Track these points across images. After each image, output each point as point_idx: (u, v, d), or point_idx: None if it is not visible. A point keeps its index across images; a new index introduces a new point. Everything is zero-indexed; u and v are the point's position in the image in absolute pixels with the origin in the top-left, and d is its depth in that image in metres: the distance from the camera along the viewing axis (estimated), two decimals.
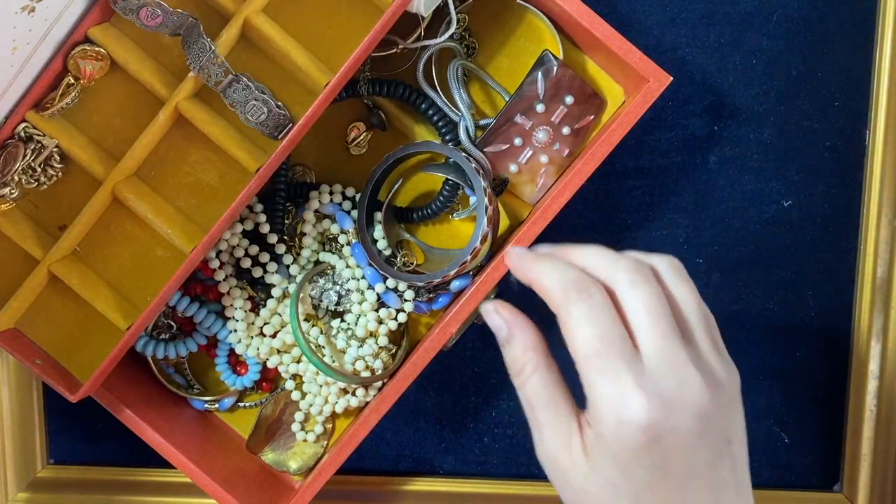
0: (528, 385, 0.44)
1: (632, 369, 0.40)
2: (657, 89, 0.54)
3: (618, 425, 0.40)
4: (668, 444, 0.40)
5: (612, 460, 0.41)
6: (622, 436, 0.40)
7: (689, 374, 0.40)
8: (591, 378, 0.41)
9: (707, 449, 0.41)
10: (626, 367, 0.40)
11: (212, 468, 0.58)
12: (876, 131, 0.62)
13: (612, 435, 0.40)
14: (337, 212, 0.60)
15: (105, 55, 0.54)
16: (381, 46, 0.57)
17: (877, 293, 0.63)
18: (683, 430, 0.40)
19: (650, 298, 0.42)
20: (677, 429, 0.40)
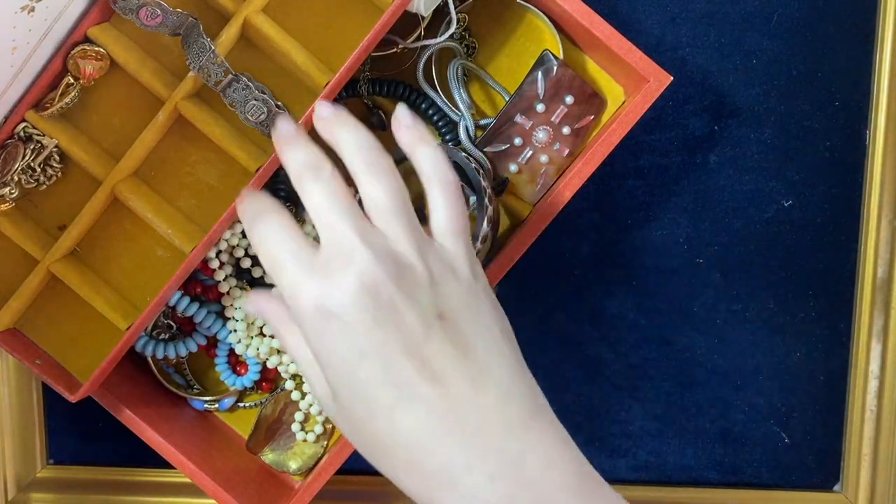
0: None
1: (299, 262, 0.41)
2: (657, 89, 0.54)
3: (297, 314, 0.41)
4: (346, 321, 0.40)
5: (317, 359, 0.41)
6: (303, 323, 0.41)
7: (356, 256, 0.40)
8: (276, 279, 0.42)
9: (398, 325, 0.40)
10: (293, 262, 0.41)
11: (212, 468, 0.58)
12: (876, 131, 0.62)
13: (301, 326, 0.41)
14: None
15: (105, 55, 0.54)
16: (381, 46, 0.57)
17: (877, 293, 0.63)
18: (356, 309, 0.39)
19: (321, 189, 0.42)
20: (347, 307, 0.39)
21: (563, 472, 0.39)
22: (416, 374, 0.39)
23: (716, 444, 0.65)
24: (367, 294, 0.40)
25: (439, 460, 0.39)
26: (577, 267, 0.64)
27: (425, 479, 0.40)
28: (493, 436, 0.39)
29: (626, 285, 0.64)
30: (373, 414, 0.40)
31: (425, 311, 0.40)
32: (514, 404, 0.40)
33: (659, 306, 0.64)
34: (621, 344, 0.65)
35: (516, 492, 0.38)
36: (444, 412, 0.39)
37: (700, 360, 0.65)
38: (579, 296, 0.64)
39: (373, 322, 0.39)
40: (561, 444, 0.40)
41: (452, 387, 0.39)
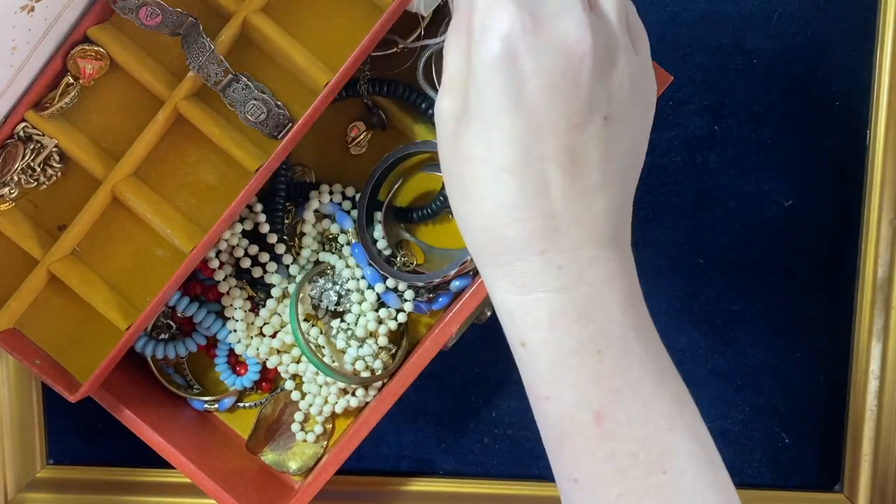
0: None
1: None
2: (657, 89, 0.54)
3: (481, 31, 0.38)
4: (524, 67, 0.38)
5: (472, 79, 0.39)
6: (482, 45, 0.38)
7: (573, 11, 0.38)
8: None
9: (569, 105, 0.38)
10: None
11: (212, 468, 0.58)
12: (876, 131, 0.62)
13: (475, 46, 0.38)
14: (337, 212, 0.60)
15: (104, 55, 0.54)
16: (381, 46, 0.57)
17: (877, 293, 0.63)
18: (545, 61, 0.38)
19: None
20: (538, 54, 0.38)
21: (619, 288, 0.40)
22: (551, 155, 0.39)
23: (716, 444, 0.65)
24: (564, 58, 0.38)
25: (519, 233, 0.39)
26: None
27: (493, 244, 0.40)
28: (577, 235, 0.40)
29: None
30: (487, 159, 0.39)
31: (599, 104, 0.39)
32: (609, 221, 0.40)
33: (659, 306, 0.64)
34: None
35: (575, 285, 0.39)
36: (552, 197, 0.39)
37: (700, 360, 0.65)
38: None
39: (550, 86, 0.38)
40: (624, 272, 0.41)
41: (576, 182, 0.39)
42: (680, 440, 0.41)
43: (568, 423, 0.41)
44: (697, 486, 0.41)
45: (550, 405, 0.41)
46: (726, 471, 0.43)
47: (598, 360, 0.40)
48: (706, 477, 0.41)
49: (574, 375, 0.40)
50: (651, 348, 0.42)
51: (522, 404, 0.65)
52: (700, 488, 0.41)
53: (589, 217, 0.40)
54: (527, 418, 0.65)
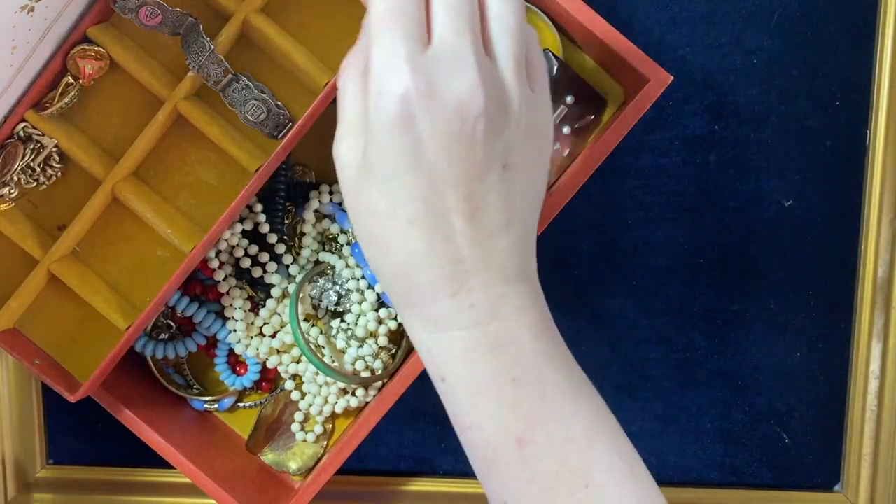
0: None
1: (409, 45, 0.39)
2: (657, 89, 0.54)
3: (377, 95, 0.39)
4: (421, 127, 0.39)
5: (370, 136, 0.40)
6: (378, 107, 0.39)
7: (467, 71, 0.39)
8: (370, 51, 0.40)
9: (467, 162, 0.40)
10: (404, 42, 0.39)
11: (212, 468, 0.58)
12: (876, 131, 0.62)
13: (373, 107, 0.39)
14: (337, 212, 0.60)
15: (104, 55, 0.54)
16: None
17: (877, 293, 0.63)
18: (441, 120, 0.39)
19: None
20: (434, 115, 0.39)
21: (529, 318, 0.43)
22: (454, 207, 0.40)
23: (716, 444, 0.65)
24: (459, 120, 0.39)
25: (431, 279, 0.41)
26: (576, 267, 0.64)
27: (408, 289, 0.42)
28: (487, 276, 0.42)
29: (626, 285, 0.64)
30: (393, 216, 0.41)
31: (496, 156, 0.40)
32: (515, 258, 0.42)
33: (659, 306, 0.64)
34: (621, 344, 0.65)
35: (487, 320, 0.42)
36: (458, 244, 0.41)
37: (700, 360, 0.65)
38: (579, 296, 0.64)
39: (447, 147, 0.39)
40: (534, 301, 0.43)
41: (479, 227, 0.41)
42: (599, 455, 0.43)
43: (491, 450, 0.43)
44: (620, 497, 0.43)
45: (474, 434, 0.43)
46: (650, 479, 0.45)
47: (514, 388, 0.42)
48: (627, 488, 0.43)
49: (492, 405, 0.42)
50: (564, 371, 0.44)
51: None
52: (622, 498, 0.43)
53: (495, 257, 0.42)
54: None
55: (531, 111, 0.42)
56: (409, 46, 0.39)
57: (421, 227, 0.40)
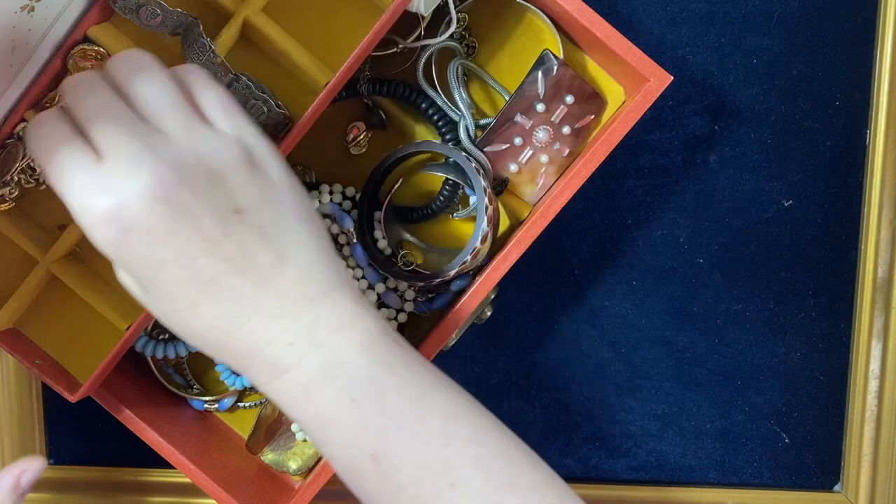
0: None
1: (83, 177, 0.40)
2: (657, 89, 0.54)
3: (89, 231, 0.40)
4: (139, 232, 0.40)
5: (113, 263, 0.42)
6: (97, 240, 0.41)
7: (142, 164, 0.40)
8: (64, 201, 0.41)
9: (200, 233, 0.41)
10: (77, 177, 0.40)
11: (212, 468, 0.58)
12: (876, 131, 0.62)
13: (95, 243, 0.41)
14: (337, 211, 0.60)
15: (105, 55, 0.54)
16: (381, 46, 0.57)
17: (877, 293, 0.63)
18: (149, 217, 0.40)
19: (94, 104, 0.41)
20: (140, 217, 0.40)
21: (355, 332, 0.43)
22: (217, 271, 0.41)
23: (716, 444, 0.65)
24: (158, 202, 0.40)
25: (244, 339, 0.42)
26: (576, 267, 0.64)
27: (233, 355, 0.43)
28: (292, 311, 0.42)
29: (625, 285, 0.64)
30: (179, 309, 0.42)
31: (221, 207, 0.41)
32: (312, 282, 0.43)
33: (659, 306, 0.64)
34: (621, 344, 0.65)
35: (310, 352, 0.42)
36: (247, 298, 0.42)
37: (700, 360, 0.65)
38: (579, 296, 0.64)
39: (168, 230, 0.40)
40: (357, 312, 0.44)
41: (253, 276, 0.42)
42: (459, 451, 0.43)
43: (355, 474, 0.44)
44: (490, 486, 0.43)
45: (337, 464, 0.44)
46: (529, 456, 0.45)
47: (356, 407, 0.42)
48: (499, 475, 0.43)
49: (341, 430, 0.43)
50: (408, 374, 0.44)
51: (522, 404, 0.65)
52: (494, 487, 0.43)
53: (289, 291, 0.42)
54: (527, 418, 0.65)
55: (232, 148, 0.42)
56: (83, 176, 0.40)
57: (206, 305, 0.42)
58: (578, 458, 0.66)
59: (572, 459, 0.65)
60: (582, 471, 0.66)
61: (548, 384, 0.65)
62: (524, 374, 0.65)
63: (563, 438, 0.65)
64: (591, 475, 0.66)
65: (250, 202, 0.42)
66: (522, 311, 0.64)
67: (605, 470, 0.66)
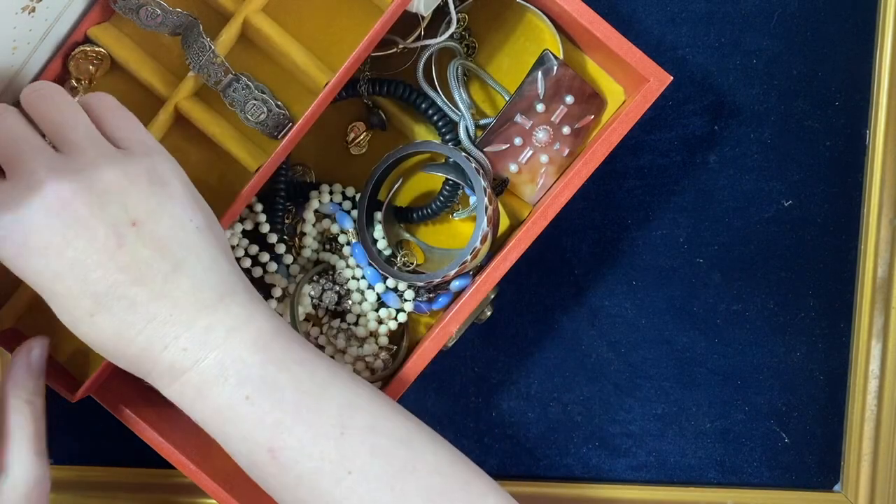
0: None
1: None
2: (657, 89, 0.54)
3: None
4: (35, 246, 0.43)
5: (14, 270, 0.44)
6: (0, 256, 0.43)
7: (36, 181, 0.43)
8: None
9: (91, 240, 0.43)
10: None
11: (212, 468, 0.58)
12: (876, 131, 0.62)
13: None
14: (337, 211, 0.60)
15: (105, 55, 0.54)
16: (381, 46, 0.57)
17: (877, 293, 0.63)
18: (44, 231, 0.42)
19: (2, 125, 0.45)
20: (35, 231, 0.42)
21: (246, 335, 0.45)
22: (111, 283, 0.43)
23: (716, 444, 0.65)
24: (53, 216, 0.42)
25: (140, 346, 0.45)
26: (577, 267, 0.64)
27: (131, 362, 0.46)
28: (185, 318, 0.44)
29: (625, 285, 0.64)
30: (76, 321, 0.45)
31: (116, 220, 0.43)
32: (206, 289, 0.45)
33: (659, 306, 0.64)
34: (621, 344, 0.65)
35: (204, 354, 0.45)
36: (141, 307, 0.44)
37: (700, 360, 0.65)
38: (579, 296, 0.64)
39: (64, 243, 0.42)
40: (251, 315, 0.46)
41: (148, 285, 0.44)
42: (355, 440, 0.45)
43: (255, 469, 0.46)
44: (388, 472, 0.45)
45: (239, 459, 0.47)
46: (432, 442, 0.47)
47: (250, 404, 0.44)
48: (396, 461, 0.45)
49: (237, 427, 0.45)
50: (302, 370, 0.46)
51: (522, 404, 0.65)
52: (391, 473, 0.45)
53: (183, 298, 0.44)
54: (527, 418, 0.65)
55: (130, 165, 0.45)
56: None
57: (102, 316, 0.44)
58: (578, 458, 0.66)
59: (572, 459, 0.66)
60: (582, 471, 0.66)
61: (548, 384, 0.65)
62: (524, 374, 0.65)
63: (563, 438, 0.65)
64: (591, 475, 0.66)
65: (146, 215, 0.44)
66: (522, 311, 0.64)
67: (605, 470, 0.66)
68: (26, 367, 0.51)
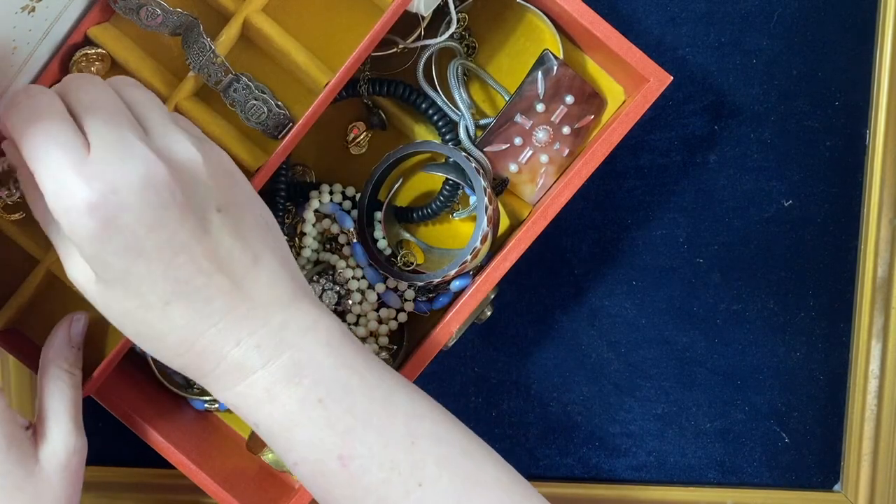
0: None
1: (71, 158, 0.39)
2: (657, 89, 0.54)
3: (65, 215, 0.39)
4: (125, 222, 0.40)
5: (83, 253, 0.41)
6: (73, 226, 0.40)
7: (135, 153, 0.40)
8: (38, 176, 0.40)
9: (182, 221, 0.41)
10: (65, 157, 0.39)
11: (212, 468, 0.58)
12: (876, 131, 0.62)
13: (67, 228, 0.40)
14: (337, 211, 0.60)
15: (106, 56, 0.54)
16: (381, 46, 0.57)
17: (877, 293, 0.63)
18: (138, 206, 0.40)
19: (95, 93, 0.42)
20: (129, 205, 0.39)
21: (320, 334, 0.43)
22: (195, 269, 0.41)
23: (716, 444, 0.65)
24: (153, 192, 0.40)
25: (210, 340, 0.42)
26: (577, 267, 0.64)
27: (190, 359, 0.43)
28: (260, 313, 0.42)
29: (625, 285, 0.64)
30: (147, 306, 0.42)
31: (205, 205, 0.42)
32: (281, 285, 0.43)
33: (659, 306, 0.64)
34: (621, 344, 0.65)
35: (277, 353, 0.42)
36: (219, 298, 0.42)
37: (700, 359, 0.65)
38: (579, 296, 0.64)
39: (155, 222, 0.40)
40: (320, 316, 0.44)
41: (230, 275, 0.42)
42: (425, 450, 0.43)
43: (321, 477, 0.43)
44: (456, 485, 0.43)
45: (302, 469, 0.44)
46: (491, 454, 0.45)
47: (323, 408, 0.42)
48: (463, 473, 0.43)
49: (307, 432, 0.43)
50: (371, 376, 0.44)
51: (522, 404, 0.65)
52: (459, 485, 0.43)
53: (261, 292, 0.42)
54: (527, 418, 0.65)
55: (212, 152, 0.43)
56: (71, 157, 0.39)
57: (179, 303, 0.41)
58: (578, 458, 0.66)
59: (572, 459, 0.66)
60: (582, 471, 0.66)
61: (547, 384, 0.65)
62: (524, 374, 0.65)
63: (563, 438, 0.65)
64: (591, 475, 0.66)
65: (230, 202, 0.43)
66: (522, 311, 0.64)
67: (605, 470, 0.66)
68: (67, 339, 0.49)
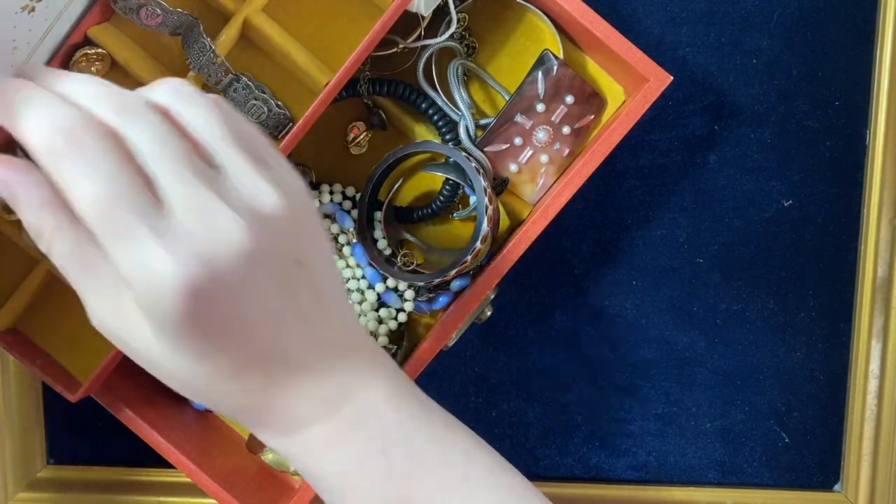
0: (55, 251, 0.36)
1: (152, 226, 0.33)
2: (657, 89, 0.54)
3: (154, 296, 0.34)
4: (219, 296, 0.34)
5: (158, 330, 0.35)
6: (163, 306, 0.34)
7: (221, 216, 0.34)
8: (107, 246, 0.34)
9: (270, 283, 0.36)
10: (145, 225, 0.33)
11: (212, 468, 0.58)
12: (876, 131, 0.62)
13: (156, 308, 0.34)
14: (337, 211, 0.60)
15: (106, 56, 0.54)
16: (381, 46, 0.57)
17: (877, 293, 0.63)
18: (232, 278, 0.34)
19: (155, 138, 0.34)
20: (223, 278, 0.34)
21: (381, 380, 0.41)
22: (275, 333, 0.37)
23: (716, 444, 0.65)
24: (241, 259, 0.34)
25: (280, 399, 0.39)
26: (577, 267, 0.64)
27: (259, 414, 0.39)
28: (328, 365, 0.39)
29: (625, 285, 0.64)
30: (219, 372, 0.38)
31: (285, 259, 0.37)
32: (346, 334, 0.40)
33: (659, 306, 0.64)
34: (621, 344, 0.65)
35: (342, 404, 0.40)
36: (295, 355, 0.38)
37: (700, 360, 0.65)
38: (579, 296, 0.64)
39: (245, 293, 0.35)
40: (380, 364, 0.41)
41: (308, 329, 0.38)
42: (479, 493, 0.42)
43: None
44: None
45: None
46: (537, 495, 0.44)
47: (385, 458, 0.40)
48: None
49: (368, 483, 0.40)
50: (427, 416, 0.42)
51: (522, 404, 0.65)
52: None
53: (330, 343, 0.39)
54: (527, 418, 0.65)
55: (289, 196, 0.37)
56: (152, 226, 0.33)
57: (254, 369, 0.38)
58: (578, 458, 0.66)
59: (572, 459, 0.66)
60: (582, 471, 0.66)
61: (548, 384, 0.65)
62: (524, 374, 0.65)
63: (563, 438, 0.65)
64: (591, 475, 0.66)
65: (308, 253, 0.38)
66: (522, 311, 0.64)
67: (605, 470, 0.66)
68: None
